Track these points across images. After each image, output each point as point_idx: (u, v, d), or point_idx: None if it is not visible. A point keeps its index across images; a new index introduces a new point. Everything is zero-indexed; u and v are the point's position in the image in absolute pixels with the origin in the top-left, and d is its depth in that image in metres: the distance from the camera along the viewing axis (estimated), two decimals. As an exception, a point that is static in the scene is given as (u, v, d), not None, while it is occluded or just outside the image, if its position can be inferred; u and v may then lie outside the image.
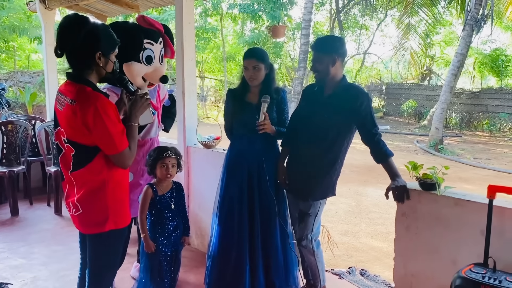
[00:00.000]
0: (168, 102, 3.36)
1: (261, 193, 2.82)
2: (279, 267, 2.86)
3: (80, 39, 1.85)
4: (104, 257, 2.11)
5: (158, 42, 2.90)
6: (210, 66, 22.65)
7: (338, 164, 2.63)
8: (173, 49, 3.11)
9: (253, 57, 2.77)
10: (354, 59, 24.79)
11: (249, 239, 2.82)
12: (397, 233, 2.52)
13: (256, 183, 2.82)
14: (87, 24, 1.88)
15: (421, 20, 14.22)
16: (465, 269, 1.90)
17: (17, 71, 16.68)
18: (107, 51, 1.94)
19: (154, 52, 2.87)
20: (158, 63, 2.91)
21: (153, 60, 2.87)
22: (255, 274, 2.81)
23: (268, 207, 2.82)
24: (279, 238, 2.86)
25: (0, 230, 4.31)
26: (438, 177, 2.31)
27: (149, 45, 2.83)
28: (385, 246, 4.36)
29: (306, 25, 13.28)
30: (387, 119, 19.78)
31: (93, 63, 1.92)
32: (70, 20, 1.90)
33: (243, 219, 2.82)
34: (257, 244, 2.81)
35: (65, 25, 1.88)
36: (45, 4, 5.32)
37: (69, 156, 1.96)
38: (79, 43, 1.86)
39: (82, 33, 1.85)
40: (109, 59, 1.96)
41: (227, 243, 2.87)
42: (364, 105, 2.49)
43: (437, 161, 9.94)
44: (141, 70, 2.83)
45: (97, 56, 1.90)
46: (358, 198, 6.56)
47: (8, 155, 4.96)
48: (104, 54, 1.93)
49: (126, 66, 2.76)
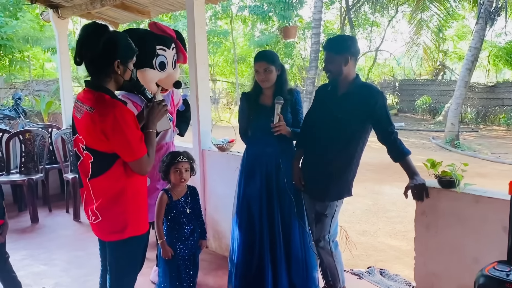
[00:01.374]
0: (182, 107, 3.37)
1: (280, 195, 2.81)
2: (300, 269, 2.86)
3: (99, 48, 1.87)
4: (124, 263, 2.12)
5: (170, 48, 2.92)
6: (222, 68, 22.72)
7: (354, 164, 2.61)
8: (185, 54, 3.12)
9: (263, 60, 2.77)
10: (366, 57, 24.59)
11: (270, 241, 2.82)
12: (417, 232, 2.49)
13: (275, 186, 2.81)
14: (106, 32, 1.91)
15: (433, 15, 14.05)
16: (488, 267, 1.86)
17: (32, 80, 16.95)
18: (125, 60, 1.96)
19: (167, 58, 2.88)
20: (171, 69, 2.93)
21: (166, 66, 2.88)
22: (277, 276, 2.81)
23: (287, 209, 2.81)
24: (298, 240, 2.85)
25: (21, 237, 4.38)
26: (457, 174, 2.27)
27: (162, 51, 2.85)
28: (404, 245, 4.32)
29: (317, 24, 13.24)
30: (401, 116, 19.58)
31: (111, 71, 1.94)
32: (90, 29, 1.92)
33: (263, 222, 2.82)
34: (279, 246, 2.81)
35: (84, 34, 1.91)
36: (58, 14, 5.39)
37: (88, 163, 1.98)
38: (98, 52, 1.88)
39: (101, 42, 1.87)
40: (127, 67, 1.98)
41: (249, 246, 2.87)
42: (379, 104, 2.47)
43: (453, 157, 9.81)
44: (155, 76, 2.85)
45: (116, 64, 1.92)
46: (375, 197, 6.50)
47: (27, 164, 5.04)
48: (122, 62, 1.94)
49: (140, 72, 2.78)
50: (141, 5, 5.11)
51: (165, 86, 2.96)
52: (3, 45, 12.50)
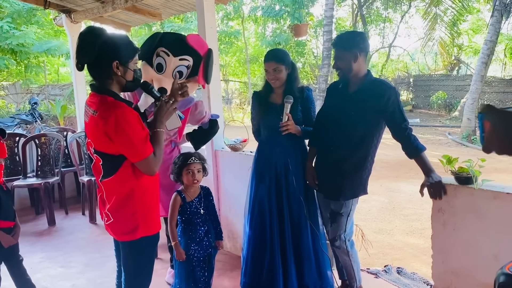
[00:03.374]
0: (206, 125, 3.17)
1: (289, 195, 2.79)
2: (311, 269, 2.83)
3: (95, 51, 1.87)
4: (138, 264, 2.13)
5: (177, 57, 2.76)
6: (234, 69, 22.74)
7: (369, 162, 2.57)
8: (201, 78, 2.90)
9: (272, 60, 2.75)
10: (379, 53, 24.39)
11: (280, 242, 2.80)
12: (434, 230, 2.45)
13: (284, 185, 2.80)
14: (101, 35, 1.90)
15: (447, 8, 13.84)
16: (509, 265, 1.81)
17: (48, 84, 17.20)
18: (124, 60, 1.95)
19: (167, 63, 2.76)
20: (170, 75, 2.78)
21: (164, 70, 2.78)
22: (288, 276, 2.79)
23: (297, 209, 2.79)
24: (310, 240, 2.82)
25: (38, 240, 4.44)
26: (474, 170, 2.23)
27: (164, 54, 2.76)
28: (421, 243, 4.26)
29: (328, 21, 13.17)
30: (416, 112, 19.36)
31: (111, 73, 1.93)
32: (85, 33, 1.93)
33: (273, 222, 2.81)
34: (289, 247, 2.79)
35: (80, 39, 1.92)
36: (71, 18, 5.45)
37: (99, 165, 2.01)
38: (94, 55, 1.88)
39: (96, 45, 1.87)
40: (128, 68, 1.97)
41: (259, 246, 2.86)
42: (391, 100, 2.42)
43: (470, 153, 9.66)
44: (149, 73, 2.80)
45: (114, 66, 1.92)
46: (390, 195, 6.43)
47: (43, 167, 5.10)
48: (121, 63, 1.94)
49: (142, 65, 2.76)
50: (152, 8, 5.14)
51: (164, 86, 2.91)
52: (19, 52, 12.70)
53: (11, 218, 2.65)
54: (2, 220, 2.59)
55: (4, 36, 11.92)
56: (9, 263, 2.69)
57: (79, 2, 5.15)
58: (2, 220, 2.59)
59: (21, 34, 12.13)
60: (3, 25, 11.89)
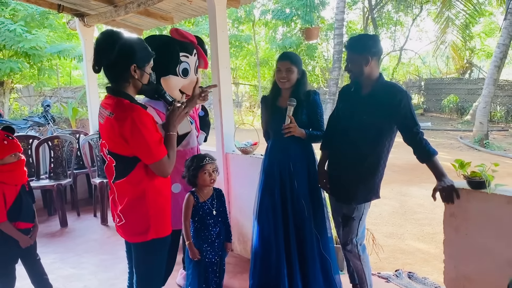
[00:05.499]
0: (202, 113, 3.39)
1: (294, 199, 2.80)
2: (316, 274, 2.81)
3: (115, 53, 1.90)
4: (149, 266, 2.15)
5: (193, 54, 2.94)
6: (244, 72, 22.79)
7: (381, 166, 2.56)
8: (206, 60, 3.14)
9: (288, 59, 2.77)
10: (390, 56, 24.26)
11: (284, 246, 2.80)
12: (446, 235, 2.43)
13: (288, 189, 2.80)
14: (120, 38, 1.94)
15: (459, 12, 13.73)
16: (522, 271, 1.80)
17: (60, 87, 17.39)
18: (141, 64, 1.98)
19: (190, 64, 2.91)
20: (193, 75, 2.95)
21: (189, 72, 2.91)
22: (293, 280, 2.79)
23: (300, 213, 2.79)
24: (315, 244, 2.81)
25: (51, 241, 4.49)
26: (487, 175, 2.20)
27: (185, 58, 2.87)
28: (433, 248, 4.22)
29: (339, 25, 13.16)
30: (427, 115, 19.21)
31: (129, 76, 1.97)
32: (104, 36, 1.96)
33: (278, 226, 2.82)
34: (293, 251, 2.79)
35: (100, 42, 1.95)
36: (84, 22, 5.52)
37: (111, 167, 2.03)
38: (113, 57, 1.91)
39: (116, 48, 1.90)
40: (144, 71, 2.01)
41: (265, 250, 2.88)
42: (403, 103, 2.41)
43: (483, 157, 9.55)
44: (178, 83, 2.87)
45: (132, 69, 1.95)
46: (402, 199, 6.39)
47: (56, 169, 5.16)
48: (139, 67, 1.97)
49: (164, 80, 2.80)
50: (165, 11, 5.18)
51: (188, 92, 2.97)
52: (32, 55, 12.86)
53: (31, 220, 2.70)
54: (22, 222, 2.64)
55: (17, 40, 12.08)
56: (27, 262, 2.74)
57: (92, 6, 5.21)
58: (22, 222, 2.64)
59: (33, 38, 12.28)
60: (16, 28, 12.05)
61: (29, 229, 2.68)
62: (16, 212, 2.60)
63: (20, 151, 2.67)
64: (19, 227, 2.61)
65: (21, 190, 2.64)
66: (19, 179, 2.64)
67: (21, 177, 2.66)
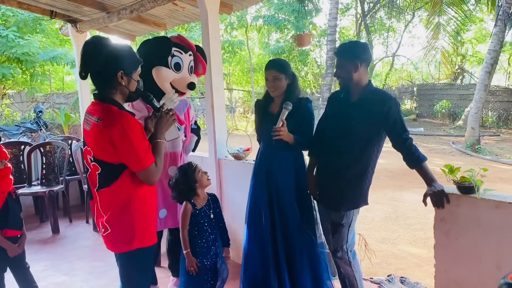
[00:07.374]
0: (194, 126, 3.41)
1: (280, 205, 2.80)
2: (305, 279, 2.81)
3: (101, 60, 1.90)
4: (134, 275, 2.12)
5: (187, 53, 2.99)
6: (238, 78, 22.85)
7: (369, 172, 2.56)
8: (205, 66, 3.18)
9: (273, 68, 2.77)
10: (383, 62, 24.42)
11: (273, 251, 2.80)
12: (437, 239, 2.45)
13: (275, 195, 2.81)
14: (107, 45, 1.93)
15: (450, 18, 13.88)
16: (511, 275, 1.82)
17: (53, 93, 17.31)
18: (129, 70, 1.98)
19: (183, 60, 2.95)
20: (187, 73, 2.99)
21: (182, 68, 2.95)
22: (282, 286, 2.79)
23: (286, 219, 2.79)
24: (304, 250, 2.81)
25: (42, 248, 4.45)
26: (476, 180, 2.23)
27: (178, 53, 2.92)
28: (425, 253, 4.24)
29: (332, 31, 13.23)
30: (420, 121, 19.33)
31: (116, 82, 1.96)
32: (91, 43, 1.95)
33: (265, 231, 2.82)
34: (281, 257, 2.79)
35: (87, 48, 1.94)
36: (77, 28, 5.52)
37: (95, 174, 1.99)
38: (100, 64, 1.90)
39: (103, 54, 1.90)
40: (131, 78, 2.00)
41: (253, 255, 2.88)
42: (392, 110, 2.42)
43: (475, 162, 9.63)
44: (169, 76, 2.89)
45: (119, 76, 1.94)
46: (394, 204, 6.41)
47: (48, 175, 5.14)
48: (126, 74, 1.96)
49: (155, 70, 2.83)
50: (157, 18, 5.20)
51: (179, 87, 2.98)
52: (24, 60, 12.83)
53: (19, 227, 2.67)
54: (9, 229, 2.61)
55: (9, 45, 12.05)
56: (15, 271, 2.70)
57: (85, 12, 5.22)
58: (9, 229, 2.61)
59: (25, 43, 12.26)
60: (8, 34, 12.02)
61: (17, 237, 2.65)
62: (3, 220, 2.57)
63: (6, 159, 2.63)
64: (6, 235, 2.58)
65: (8, 198, 2.60)
66: (6, 186, 2.61)
67: (8, 185, 2.62)
